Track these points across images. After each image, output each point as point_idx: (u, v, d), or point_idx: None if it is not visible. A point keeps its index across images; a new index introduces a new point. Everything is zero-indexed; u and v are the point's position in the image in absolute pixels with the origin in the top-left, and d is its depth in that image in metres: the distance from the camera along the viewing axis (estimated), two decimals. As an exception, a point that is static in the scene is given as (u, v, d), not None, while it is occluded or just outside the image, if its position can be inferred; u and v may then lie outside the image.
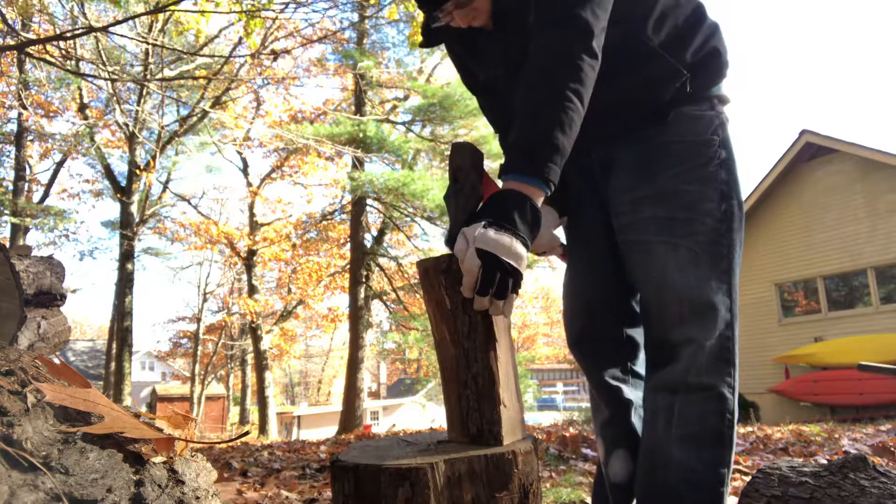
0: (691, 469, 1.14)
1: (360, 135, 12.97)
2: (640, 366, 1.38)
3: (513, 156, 1.01)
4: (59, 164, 17.30)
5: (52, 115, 15.46)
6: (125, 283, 13.58)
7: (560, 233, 1.41)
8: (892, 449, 3.41)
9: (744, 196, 1.25)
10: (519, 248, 0.93)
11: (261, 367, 18.58)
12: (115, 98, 12.85)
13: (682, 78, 1.18)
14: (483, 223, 0.93)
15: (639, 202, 1.22)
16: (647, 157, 1.23)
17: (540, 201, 1.01)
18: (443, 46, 1.45)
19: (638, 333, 1.37)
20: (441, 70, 15.97)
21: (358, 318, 14.06)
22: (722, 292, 1.16)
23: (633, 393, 1.36)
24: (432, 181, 12.98)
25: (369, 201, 14.66)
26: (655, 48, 1.18)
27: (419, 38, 1.40)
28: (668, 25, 1.20)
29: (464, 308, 0.94)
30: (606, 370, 1.36)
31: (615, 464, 1.31)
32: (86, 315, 49.58)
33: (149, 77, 9.98)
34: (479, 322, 0.94)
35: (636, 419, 1.34)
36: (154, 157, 13.30)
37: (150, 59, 12.01)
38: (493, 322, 0.95)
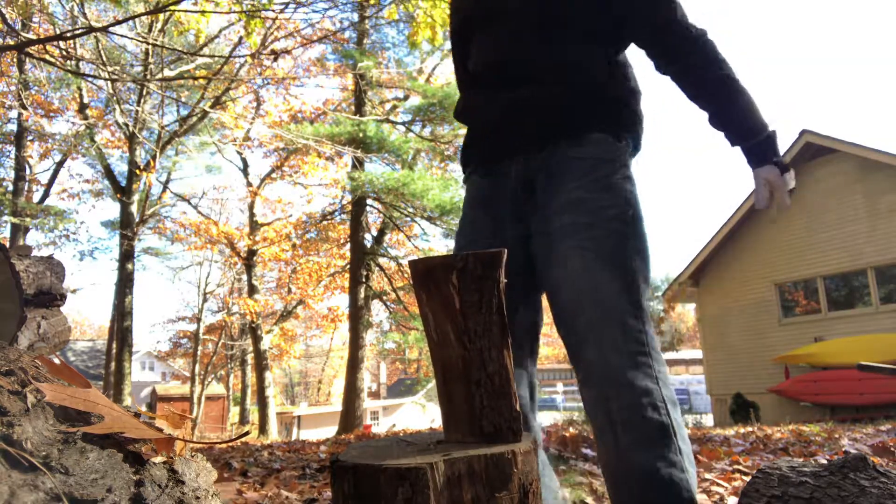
0: (652, 469, 1.13)
1: (360, 135, 12.97)
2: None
3: (744, 130, 1.36)
4: (59, 164, 17.32)
5: (52, 115, 15.47)
6: (125, 283, 13.58)
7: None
8: (892, 449, 3.41)
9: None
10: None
11: (261, 367, 18.57)
12: (115, 98, 12.84)
13: (624, 106, 1.37)
14: (777, 168, 1.35)
15: (549, 212, 1.30)
16: (558, 172, 1.32)
17: None
18: (445, 45, 1.50)
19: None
20: (441, 70, 15.98)
21: (358, 318, 14.06)
22: (628, 292, 1.20)
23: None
24: (432, 181, 12.98)
25: (369, 201, 14.66)
26: (619, 75, 1.38)
27: (419, 39, 1.45)
28: (631, 75, 1.42)
29: (480, 306, 0.95)
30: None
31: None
32: (86, 315, 49.54)
33: (149, 77, 9.98)
34: (494, 321, 0.95)
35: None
36: (154, 157, 13.28)
37: (150, 59, 12.02)
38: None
